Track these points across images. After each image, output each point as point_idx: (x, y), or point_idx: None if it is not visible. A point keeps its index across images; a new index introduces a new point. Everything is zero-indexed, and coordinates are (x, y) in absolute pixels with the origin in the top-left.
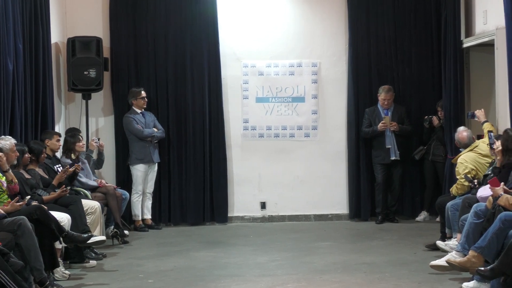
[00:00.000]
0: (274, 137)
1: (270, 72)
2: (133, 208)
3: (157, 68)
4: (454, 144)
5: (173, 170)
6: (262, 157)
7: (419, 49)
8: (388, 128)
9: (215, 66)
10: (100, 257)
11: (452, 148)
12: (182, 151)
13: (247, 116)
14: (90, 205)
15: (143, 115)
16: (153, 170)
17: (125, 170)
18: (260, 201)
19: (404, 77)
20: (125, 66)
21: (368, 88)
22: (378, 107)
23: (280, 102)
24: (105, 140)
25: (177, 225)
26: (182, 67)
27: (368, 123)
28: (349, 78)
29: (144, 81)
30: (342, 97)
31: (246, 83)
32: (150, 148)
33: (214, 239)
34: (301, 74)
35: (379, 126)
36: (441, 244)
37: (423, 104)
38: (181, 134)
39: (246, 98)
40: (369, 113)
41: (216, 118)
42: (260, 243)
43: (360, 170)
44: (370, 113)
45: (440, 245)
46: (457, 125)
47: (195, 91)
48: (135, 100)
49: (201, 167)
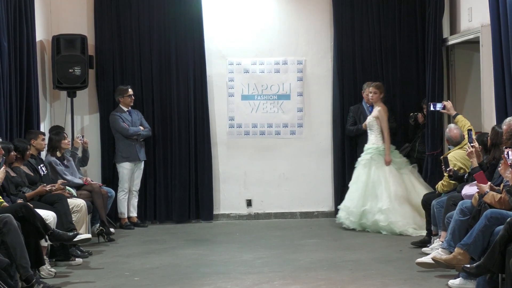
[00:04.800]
0: (259, 135)
1: (255, 70)
2: (119, 206)
3: (142, 66)
4: (431, 141)
5: (159, 168)
6: (248, 154)
7: (404, 47)
8: None
9: (200, 64)
10: (86, 255)
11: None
12: (167, 149)
13: (233, 113)
14: (75, 203)
15: (129, 113)
16: (139, 168)
17: (111, 168)
18: (246, 198)
19: (389, 74)
20: (110, 64)
21: (353, 86)
22: (363, 104)
23: (265, 100)
24: (91, 138)
25: (163, 222)
26: (167, 64)
27: (352, 121)
28: (334, 75)
29: (129, 79)
30: (327, 94)
31: (231, 80)
32: (136, 146)
33: (200, 237)
34: (286, 72)
35: (363, 124)
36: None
37: (408, 101)
38: (166, 132)
39: (231, 95)
40: (353, 111)
41: (202, 116)
42: (246, 240)
43: (345, 168)
44: (354, 110)
45: (426, 251)
46: (438, 122)
47: (180, 89)
48: (122, 98)
49: (186, 164)
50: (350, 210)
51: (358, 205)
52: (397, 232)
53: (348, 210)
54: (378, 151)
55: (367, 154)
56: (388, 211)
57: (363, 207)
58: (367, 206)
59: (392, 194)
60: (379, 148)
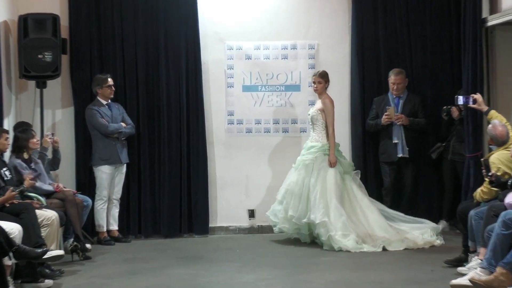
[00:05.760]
0: (264, 133)
1: (259, 56)
2: (97, 217)
3: (125, 51)
4: (473, 141)
5: (144, 172)
6: (250, 156)
7: (435, 29)
8: (395, 122)
9: (194, 49)
10: (58, 274)
11: (470, 145)
12: (155, 150)
13: (232, 107)
14: (45, 214)
15: (109, 107)
16: (120, 172)
17: (87, 172)
18: (248, 208)
19: (418, 61)
20: (86, 48)
21: (376, 74)
22: (389, 95)
23: (271, 91)
24: (64, 136)
25: (149, 237)
26: (154, 49)
27: (374, 114)
28: (352, 62)
29: (110, 67)
30: (344, 85)
31: (230, 68)
32: (117, 146)
33: (193, 254)
34: (295, 58)
35: (383, 119)
36: (463, 270)
37: (441, 92)
38: (153, 129)
39: (231, 86)
40: (377, 103)
41: (195, 110)
42: (248, 258)
43: (366, 172)
44: (378, 103)
45: (462, 271)
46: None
47: (170, 78)
48: (101, 89)
49: (177, 168)
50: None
51: (302, 216)
52: (336, 248)
53: (292, 221)
54: (323, 150)
55: (310, 153)
56: (326, 224)
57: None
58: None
59: (331, 204)
60: (324, 147)
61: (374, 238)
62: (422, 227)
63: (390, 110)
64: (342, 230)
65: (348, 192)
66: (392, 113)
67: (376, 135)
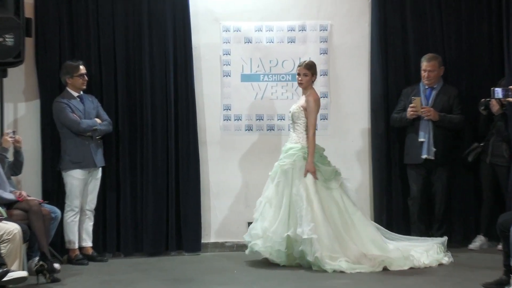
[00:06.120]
0: (267, 131)
1: (261, 39)
2: (67, 232)
3: (101, 33)
4: None
5: (124, 178)
6: (251, 159)
7: (473, 11)
8: (421, 116)
9: (184, 30)
10: None
11: None
12: (136, 151)
13: (229, 100)
14: (5, 228)
15: (81, 99)
16: (95, 177)
17: (56, 178)
18: (248, 221)
19: (452, 45)
20: (55, 30)
21: (402, 60)
22: (420, 86)
23: (275, 81)
24: (27, 134)
25: (130, 255)
26: (136, 31)
27: (401, 107)
28: (373, 46)
29: (83, 52)
30: (363, 73)
31: (227, 54)
32: (91, 147)
33: (182, 276)
34: (304, 42)
35: (408, 111)
36: None
37: (478, 84)
38: (135, 126)
39: (227, 75)
40: (406, 94)
41: (185, 104)
42: (247, 280)
43: (391, 177)
44: (407, 93)
45: None
46: None
47: (155, 66)
48: (71, 79)
49: (163, 173)
50: (268, 235)
51: (280, 229)
52: (326, 268)
53: (266, 235)
54: (303, 153)
55: (288, 156)
56: (313, 241)
57: (286, 232)
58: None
59: (319, 218)
60: (304, 149)
61: (370, 258)
62: (425, 243)
63: (416, 101)
64: (330, 251)
65: (338, 204)
66: (418, 105)
67: (402, 132)
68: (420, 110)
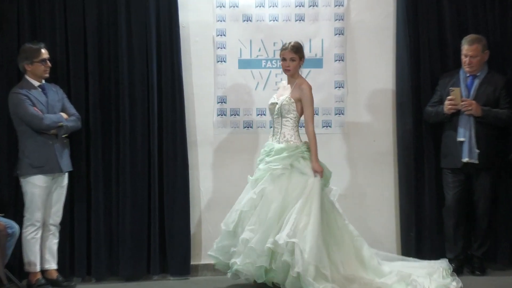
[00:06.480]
0: (270, 128)
1: (262, 16)
2: (26, 251)
3: (68, 11)
4: None
5: (96, 186)
6: (250, 162)
7: None
8: (461, 110)
9: (169, 7)
10: None
11: None
12: (111, 153)
13: (224, 91)
14: None
15: (43, 90)
16: (60, 185)
17: (13, 186)
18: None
19: (497, 26)
20: (12, 6)
21: (437, 43)
22: (460, 73)
23: (280, 68)
24: None
25: (103, 280)
26: (111, 8)
27: (437, 98)
28: (398, 25)
29: (46, 33)
30: (387, 58)
31: (222, 35)
32: (56, 148)
33: None
34: (315, 20)
35: (445, 105)
36: None
37: None
38: (109, 123)
39: (222, 60)
40: (443, 83)
41: (171, 97)
42: None
43: (422, 185)
44: (444, 82)
45: None
46: None
47: (133, 50)
48: (30, 65)
49: (144, 180)
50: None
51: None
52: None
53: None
54: (301, 153)
55: (279, 159)
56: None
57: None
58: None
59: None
60: (301, 149)
61: (362, 282)
62: (425, 264)
63: (454, 93)
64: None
65: (328, 216)
66: (458, 97)
67: (437, 130)
68: (460, 103)
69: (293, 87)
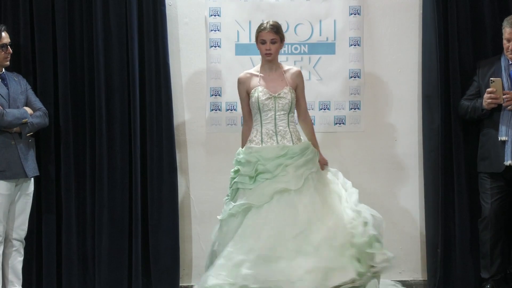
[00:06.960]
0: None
1: None
2: None
3: None
4: None
5: (67, 194)
6: None
7: None
8: (502, 104)
9: None
10: None
11: None
12: (85, 156)
13: (219, 82)
14: None
15: (3, 80)
16: (25, 193)
17: None
18: None
19: None
20: None
21: (470, 26)
22: (502, 61)
23: (285, 54)
24: None
25: None
26: None
27: (474, 90)
28: (426, 4)
29: (8, 14)
30: (411, 44)
31: (215, 15)
32: (19, 149)
33: None
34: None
35: (484, 99)
36: None
37: None
38: (83, 120)
39: (215, 45)
40: (482, 72)
41: (156, 89)
42: None
43: (454, 193)
44: (483, 71)
45: None
46: None
47: (111, 34)
48: None
49: (125, 187)
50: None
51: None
52: None
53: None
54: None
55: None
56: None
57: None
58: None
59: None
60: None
61: None
62: None
63: (495, 84)
64: None
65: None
66: (500, 89)
67: (472, 128)
68: (502, 97)
69: (285, 74)
